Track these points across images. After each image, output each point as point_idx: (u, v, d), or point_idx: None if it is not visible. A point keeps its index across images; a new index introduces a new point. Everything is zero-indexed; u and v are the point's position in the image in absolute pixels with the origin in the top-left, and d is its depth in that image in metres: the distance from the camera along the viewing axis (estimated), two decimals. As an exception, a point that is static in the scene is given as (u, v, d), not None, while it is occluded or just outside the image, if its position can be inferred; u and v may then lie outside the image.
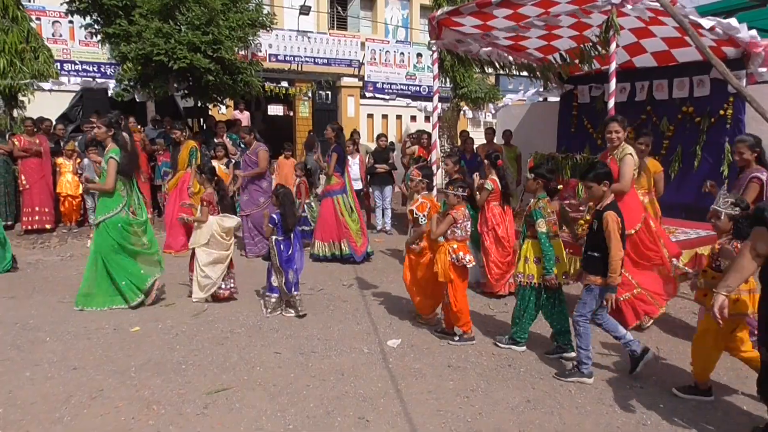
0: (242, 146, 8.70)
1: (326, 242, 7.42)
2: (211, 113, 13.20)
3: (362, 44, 18.45)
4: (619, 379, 3.97)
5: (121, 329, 4.82)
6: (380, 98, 17.18)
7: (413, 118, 18.49)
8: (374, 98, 17.57)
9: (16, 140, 8.98)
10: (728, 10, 9.17)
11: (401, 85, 19.21)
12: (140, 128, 10.26)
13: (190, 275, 5.79)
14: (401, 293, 5.68)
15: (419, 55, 19.22)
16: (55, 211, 9.25)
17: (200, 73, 10.09)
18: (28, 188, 8.93)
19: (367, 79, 18.48)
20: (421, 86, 19.28)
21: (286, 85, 16.54)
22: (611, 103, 5.96)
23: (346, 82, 17.77)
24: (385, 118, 18.46)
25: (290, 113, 18.62)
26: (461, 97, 14.49)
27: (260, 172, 7.70)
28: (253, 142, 7.83)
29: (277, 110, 19.21)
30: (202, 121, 12.89)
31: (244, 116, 13.60)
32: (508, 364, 4.23)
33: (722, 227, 3.72)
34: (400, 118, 18.65)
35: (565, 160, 7.21)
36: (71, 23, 14.25)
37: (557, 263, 4.28)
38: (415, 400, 3.63)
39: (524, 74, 9.24)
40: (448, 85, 14.36)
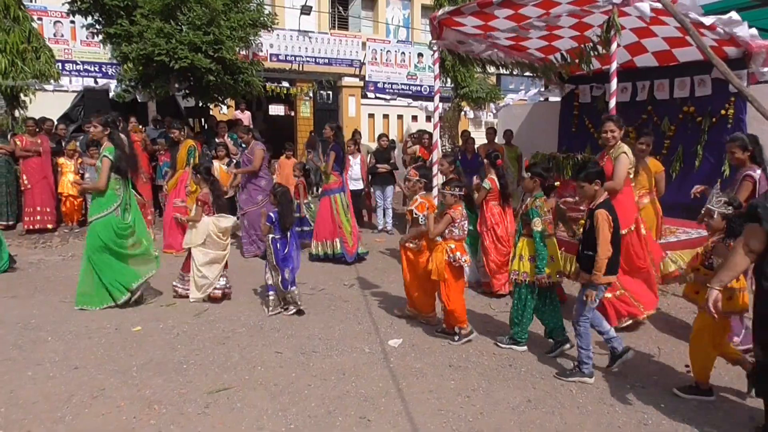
0: (243, 146, 8.71)
1: (320, 241, 7.43)
2: (212, 113, 13.21)
3: (363, 44, 18.46)
4: (620, 379, 3.97)
5: (122, 329, 4.83)
6: (381, 98, 17.18)
7: (414, 117, 18.49)
8: (375, 98, 17.57)
9: (18, 140, 8.99)
10: (729, 9, 9.15)
11: (402, 84, 19.22)
12: (141, 128, 10.27)
13: (182, 274, 5.76)
14: (402, 293, 5.66)
15: (420, 54, 19.23)
16: (56, 210, 9.27)
17: (201, 73, 10.10)
18: (29, 188, 8.95)
19: (368, 79, 18.49)
20: (422, 86, 19.29)
21: (287, 85, 16.57)
22: (612, 102, 5.96)
23: (347, 81, 17.78)
24: (386, 117, 18.46)
25: (291, 113, 18.63)
26: (462, 97, 14.50)
27: (253, 170, 7.68)
28: (251, 141, 7.84)
29: (278, 110, 19.24)
30: (203, 121, 12.90)
31: (245, 116, 13.61)
32: (509, 363, 4.23)
33: (715, 226, 3.72)
34: (401, 117, 18.64)
35: (566, 159, 7.21)
36: (73, 23, 14.30)
37: (551, 262, 4.30)
38: (416, 399, 3.63)
39: (526, 74, 9.23)
40: (449, 85, 14.36)
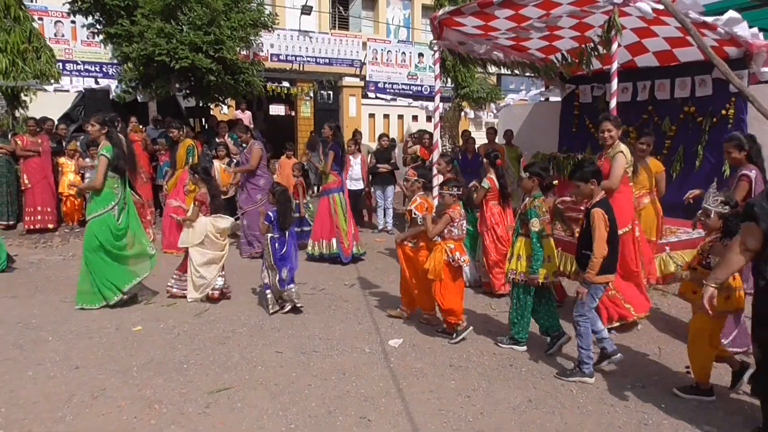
0: (243, 146, 8.72)
1: (317, 241, 7.43)
2: (212, 113, 13.22)
3: (364, 44, 18.45)
4: (620, 379, 3.97)
5: (123, 329, 4.83)
6: (382, 98, 17.18)
7: (415, 117, 18.48)
8: (376, 98, 17.58)
9: (18, 140, 9.00)
10: (729, 9, 9.14)
11: (403, 84, 19.22)
12: (142, 128, 10.28)
13: (178, 274, 5.74)
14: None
15: (421, 54, 19.23)
16: (57, 210, 9.28)
17: (202, 73, 10.10)
18: (30, 187, 8.95)
19: (368, 78, 18.49)
20: (422, 86, 19.29)
21: (287, 85, 16.55)
22: (613, 102, 5.96)
23: (347, 81, 17.78)
24: (386, 117, 18.46)
25: (292, 113, 18.63)
26: (463, 97, 14.49)
27: (250, 168, 7.68)
28: (249, 140, 7.85)
29: (278, 110, 19.23)
30: (203, 120, 12.90)
31: (245, 116, 13.60)
32: (509, 363, 4.23)
33: (712, 225, 3.72)
34: (401, 117, 18.64)
35: (566, 160, 7.21)
36: (73, 23, 14.30)
37: (547, 263, 4.31)
38: (416, 399, 3.63)
39: (527, 74, 9.22)
40: (449, 85, 14.36)
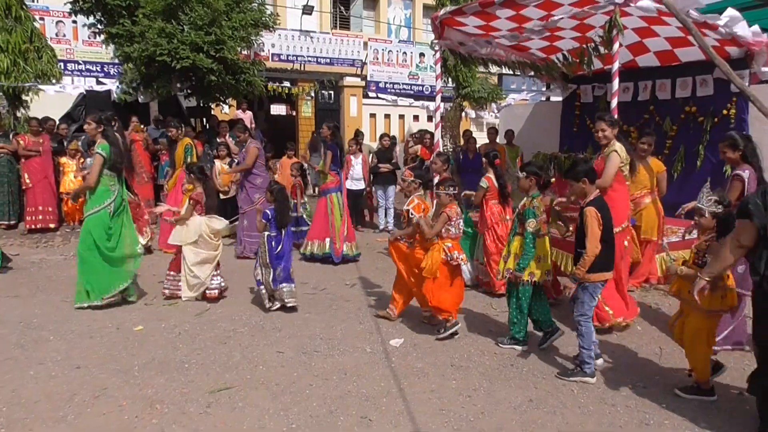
0: (243, 145, 8.72)
1: (311, 240, 7.44)
2: (213, 113, 13.22)
3: (365, 44, 18.46)
4: (621, 378, 3.97)
5: (124, 328, 4.84)
6: (383, 98, 17.20)
7: (416, 117, 18.49)
8: (377, 98, 17.59)
9: (20, 140, 9.00)
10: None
11: (404, 84, 19.22)
12: (143, 128, 10.28)
13: (171, 274, 5.69)
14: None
15: (422, 54, 19.24)
16: (58, 210, 9.28)
17: (203, 73, 10.10)
18: (31, 187, 8.94)
19: (369, 78, 18.50)
20: (423, 86, 19.30)
21: (288, 84, 16.54)
22: (614, 102, 5.95)
23: (348, 81, 17.78)
24: (387, 117, 18.46)
25: (293, 113, 18.63)
26: (464, 97, 14.49)
27: (246, 167, 7.67)
28: (247, 139, 7.84)
29: (279, 110, 19.23)
30: (205, 120, 12.91)
31: (246, 116, 13.60)
32: (510, 363, 4.24)
33: (706, 225, 3.70)
34: (402, 117, 18.64)
35: (567, 159, 7.20)
36: (75, 23, 14.32)
37: (540, 262, 4.32)
38: (417, 399, 3.64)
39: (530, 74, 9.21)
40: (450, 84, 14.36)
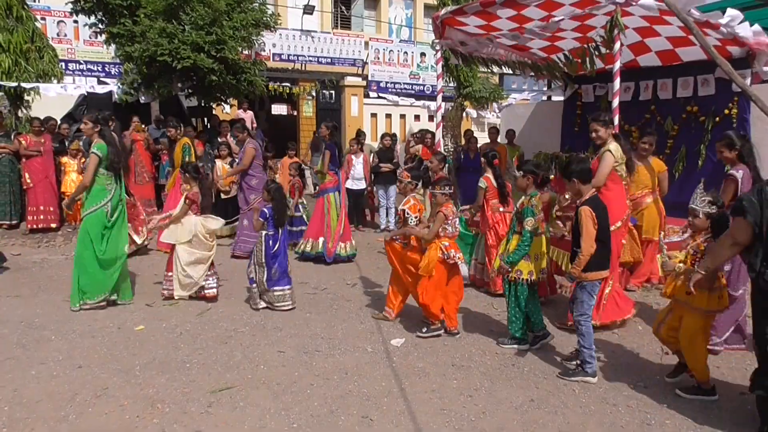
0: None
1: (306, 240, 7.45)
2: (214, 113, 13.23)
3: (366, 44, 18.46)
4: (622, 378, 3.97)
5: (125, 328, 4.84)
6: (384, 98, 17.20)
7: (417, 117, 18.47)
8: (378, 98, 17.60)
9: (22, 139, 9.01)
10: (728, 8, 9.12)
11: (405, 84, 19.22)
12: (144, 128, 10.29)
13: (168, 274, 5.66)
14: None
15: (423, 54, 19.24)
16: (59, 210, 9.28)
17: (204, 72, 10.11)
18: (32, 187, 8.95)
19: (370, 78, 18.50)
20: (424, 86, 19.30)
21: (289, 84, 16.56)
22: (615, 102, 5.95)
23: (349, 81, 17.77)
24: (388, 117, 18.45)
25: (294, 113, 18.63)
26: (465, 96, 14.49)
27: (242, 168, 7.65)
28: (246, 139, 7.84)
29: (280, 110, 19.22)
30: (206, 120, 12.92)
31: (247, 116, 13.60)
32: (511, 363, 4.24)
33: (700, 225, 3.69)
34: (403, 117, 18.63)
35: (568, 159, 7.19)
36: (76, 23, 14.33)
37: (536, 260, 4.34)
38: (418, 399, 3.64)
39: (530, 75, 9.20)
40: (451, 84, 14.35)
